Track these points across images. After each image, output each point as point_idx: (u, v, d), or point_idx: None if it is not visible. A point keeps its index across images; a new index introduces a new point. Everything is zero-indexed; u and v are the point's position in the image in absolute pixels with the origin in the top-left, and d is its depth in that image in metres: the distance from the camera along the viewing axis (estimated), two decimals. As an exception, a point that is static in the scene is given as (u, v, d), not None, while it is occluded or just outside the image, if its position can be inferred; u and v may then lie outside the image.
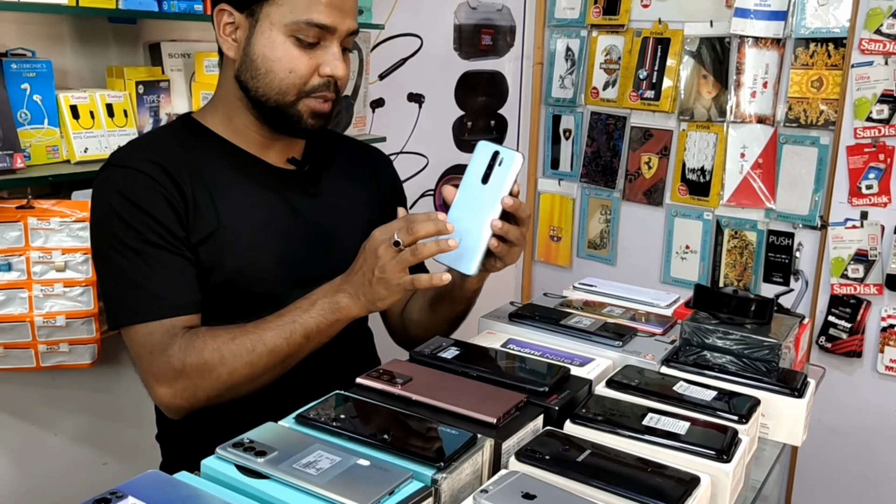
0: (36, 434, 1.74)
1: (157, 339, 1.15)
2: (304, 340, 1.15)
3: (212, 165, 1.24)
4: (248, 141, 1.29)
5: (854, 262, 2.24)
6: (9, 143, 1.42)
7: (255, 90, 1.22)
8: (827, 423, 2.25)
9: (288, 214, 1.28)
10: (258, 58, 1.20)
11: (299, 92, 1.21)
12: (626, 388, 1.05)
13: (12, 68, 1.47)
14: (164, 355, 1.14)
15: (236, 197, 1.24)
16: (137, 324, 1.16)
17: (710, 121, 2.45)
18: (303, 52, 1.19)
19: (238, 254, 1.22)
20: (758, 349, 1.15)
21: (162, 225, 1.17)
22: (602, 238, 2.76)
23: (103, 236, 1.19)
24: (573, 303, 1.39)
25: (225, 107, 1.28)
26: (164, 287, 1.16)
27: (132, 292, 1.16)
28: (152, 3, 1.58)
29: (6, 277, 1.47)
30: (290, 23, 1.17)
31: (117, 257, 1.17)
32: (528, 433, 0.94)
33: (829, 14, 2.21)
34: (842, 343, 2.29)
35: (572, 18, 2.72)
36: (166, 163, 1.20)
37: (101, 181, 1.21)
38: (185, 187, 1.20)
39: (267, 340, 1.14)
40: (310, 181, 1.33)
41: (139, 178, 1.18)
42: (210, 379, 1.14)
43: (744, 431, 0.96)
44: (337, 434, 0.87)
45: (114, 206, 1.17)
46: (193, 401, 1.16)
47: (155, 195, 1.17)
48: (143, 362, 1.16)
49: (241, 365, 1.14)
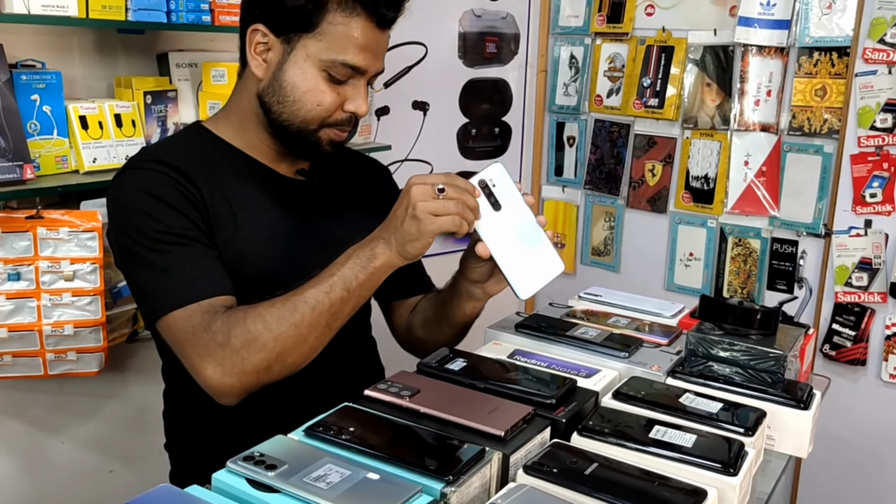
0: (43, 441, 1.75)
1: (198, 320, 1.13)
2: (345, 293, 1.12)
3: (226, 173, 1.26)
4: (260, 152, 1.30)
5: (858, 270, 2.24)
6: (19, 153, 1.44)
7: (278, 114, 1.24)
8: (831, 431, 2.25)
9: (299, 224, 1.30)
10: (288, 85, 1.22)
11: (322, 122, 1.24)
12: (633, 399, 1.06)
13: (22, 79, 1.48)
14: (207, 332, 1.11)
15: (250, 205, 1.26)
16: (175, 310, 1.14)
17: (713, 129, 2.46)
18: (331, 88, 1.22)
19: (253, 262, 1.24)
20: (763, 360, 1.16)
21: (187, 218, 1.18)
22: (606, 245, 2.77)
23: (129, 235, 1.18)
24: (578, 313, 1.40)
25: (239, 118, 1.30)
26: (197, 272, 1.16)
27: (166, 282, 1.15)
28: (161, 14, 1.59)
29: (15, 287, 1.48)
30: (327, 59, 1.20)
31: (146, 252, 1.16)
32: (535, 446, 0.94)
33: (832, 23, 2.21)
34: (846, 351, 2.29)
35: (576, 26, 2.73)
36: (184, 166, 1.21)
37: (121, 183, 1.22)
38: (203, 191, 1.21)
39: (308, 298, 1.12)
40: (319, 192, 1.35)
41: (161, 176, 1.19)
42: (256, 348, 1.11)
43: (750, 444, 0.97)
44: (346, 447, 0.88)
45: (138, 203, 1.18)
46: (243, 377, 1.12)
47: (177, 192, 1.18)
48: (186, 346, 1.13)
49: (287, 327, 1.11)
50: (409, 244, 1.10)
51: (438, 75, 2.57)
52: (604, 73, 2.68)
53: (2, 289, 1.47)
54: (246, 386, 1.13)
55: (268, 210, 1.27)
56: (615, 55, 2.65)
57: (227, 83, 1.73)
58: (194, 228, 1.18)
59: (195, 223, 1.18)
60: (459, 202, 1.08)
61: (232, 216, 1.23)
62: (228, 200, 1.23)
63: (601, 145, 2.71)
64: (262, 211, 1.27)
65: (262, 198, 1.27)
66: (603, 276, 2.76)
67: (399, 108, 2.48)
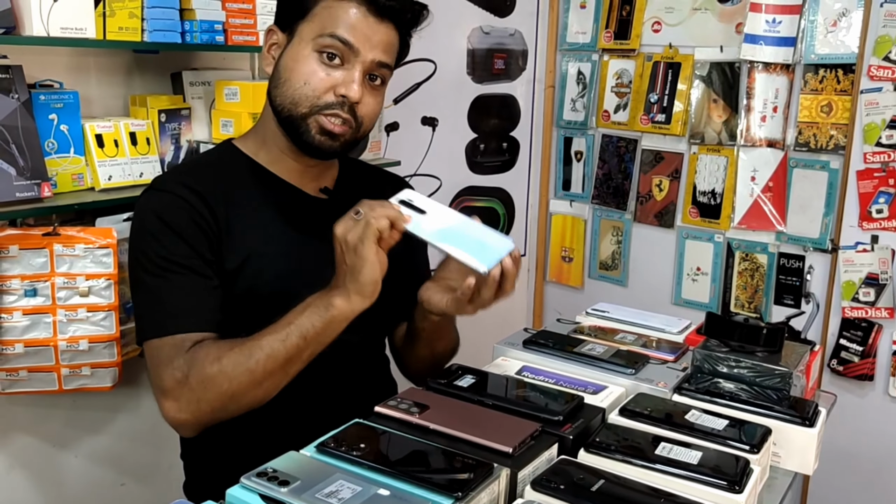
0: (56, 455, 1.77)
1: (165, 353, 1.17)
2: (301, 342, 1.13)
3: (248, 193, 1.29)
4: (283, 168, 1.33)
5: (865, 285, 2.25)
6: (37, 172, 1.46)
7: (273, 99, 1.27)
8: (839, 446, 2.25)
9: (320, 242, 1.30)
10: (282, 68, 1.26)
11: (312, 106, 1.23)
12: (639, 416, 1.07)
13: (41, 100, 1.51)
14: (169, 367, 1.16)
15: (271, 224, 1.29)
16: (152, 338, 1.19)
17: (720, 144, 2.48)
18: (322, 68, 1.23)
19: (272, 280, 1.26)
20: (769, 377, 1.17)
21: (191, 247, 1.21)
22: (614, 259, 2.78)
23: (136, 255, 1.23)
24: (586, 329, 1.41)
25: (263, 132, 1.33)
26: (181, 305, 1.20)
27: (152, 308, 1.21)
28: (176, 35, 1.62)
29: (32, 303, 1.50)
30: (317, 36, 1.23)
31: (145, 275, 1.21)
32: (543, 462, 0.96)
33: (837, 40, 2.23)
34: (853, 367, 2.30)
35: (584, 43, 2.75)
36: (204, 189, 1.24)
37: (142, 203, 1.26)
38: (221, 214, 1.24)
39: (264, 346, 1.13)
40: (342, 210, 1.36)
41: (176, 201, 1.22)
42: (212, 389, 1.14)
43: (755, 461, 0.98)
44: (357, 463, 0.90)
45: (147, 226, 1.22)
46: (198, 414, 1.16)
47: (187, 219, 1.22)
48: (151, 376, 1.19)
49: (241, 373, 1.13)
50: (359, 276, 1.09)
51: (447, 91, 2.60)
52: (611, 88, 2.70)
53: (18, 305, 1.50)
54: (201, 422, 1.18)
55: (289, 229, 1.30)
56: (622, 71, 2.67)
57: (239, 101, 1.76)
58: (196, 258, 1.21)
59: (199, 252, 1.21)
60: (377, 212, 1.08)
61: (251, 236, 1.26)
62: (248, 220, 1.26)
63: (609, 160, 2.73)
64: (283, 230, 1.29)
65: (283, 216, 1.30)
66: (610, 291, 2.77)
67: (408, 123, 2.50)
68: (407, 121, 2.49)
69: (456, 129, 2.67)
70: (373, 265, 1.08)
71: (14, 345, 1.50)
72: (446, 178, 2.67)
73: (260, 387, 1.16)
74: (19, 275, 1.49)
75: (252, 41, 1.76)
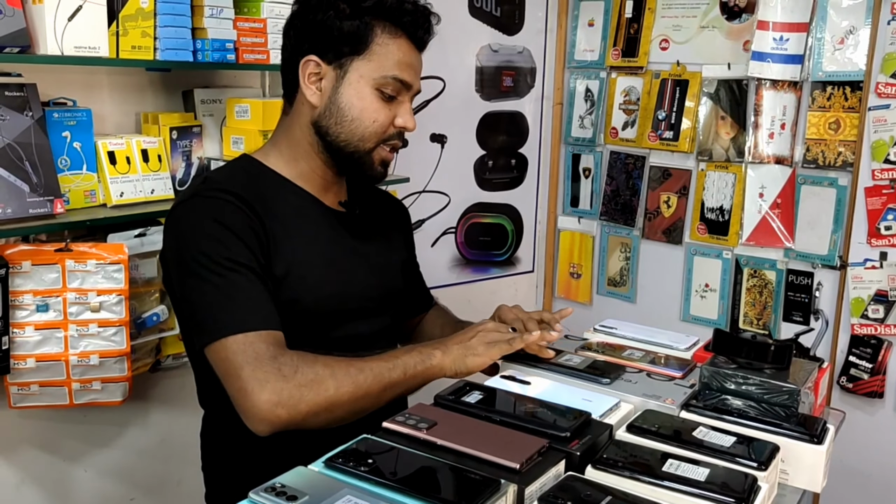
0: (66, 469, 1.78)
1: (263, 348, 1.16)
2: (401, 376, 1.22)
3: (280, 203, 1.32)
4: (309, 182, 1.37)
5: (874, 302, 2.25)
6: (50, 189, 1.48)
7: (336, 136, 1.31)
8: (848, 464, 2.24)
9: (348, 252, 1.38)
10: (345, 106, 1.30)
11: (377, 141, 1.32)
12: (647, 432, 1.07)
13: (54, 117, 1.53)
14: (274, 362, 1.15)
15: (305, 234, 1.32)
16: (237, 334, 1.17)
17: (728, 161, 2.48)
18: (383, 105, 1.31)
19: (311, 289, 1.30)
20: (777, 394, 1.17)
21: (249, 249, 1.23)
22: (622, 276, 2.78)
23: (196, 258, 1.22)
24: (594, 345, 1.41)
25: (291, 150, 1.36)
26: (257, 303, 1.21)
27: (230, 305, 1.19)
28: (188, 53, 1.64)
29: (44, 318, 1.52)
30: (379, 77, 1.29)
31: (210, 275, 1.20)
32: (550, 478, 0.96)
33: (845, 58, 2.24)
34: (863, 384, 2.29)
35: (592, 60, 2.77)
36: (247, 195, 1.26)
37: (190, 208, 1.26)
38: (265, 221, 1.26)
39: (374, 367, 1.21)
40: (359, 222, 1.41)
41: (229, 205, 1.24)
42: (318, 391, 1.16)
43: (763, 478, 0.98)
44: (365, 479, 0.90)
45: (205, 229, 1.22)
46: (294, 412, 1.15)
47: (243, 222, 1.24)
48: (245, 370, 1.15)
49: (349, 383, 1.18)
50: (468, 359, 1.25)
51: (456, 108, 2.62)
52: (619, 105, 2.71)
53: (30, 320, 1.51)
54: (292, 422, 1.16)
55: (320, 239, 1.35)
56: (630, 88, 2.69)
57: (249, 118, 1.78)
58: (255, 260, 1.23)
59: (256, 255, 1.24)
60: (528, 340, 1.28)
61: (290, 246, 1.29)
62: (285, 230, 1.29)
63: (616, 177, 2.74)
64: (316, 240, 1.34)
65: (314, 227, 1.34)
66: (619, 307, 2.77)
67: (417, 140, 2.52)
68: (416, 137, 2.51)
69: (465, 146, 2.69)
70: (484, 363, 1.26)
71: (26, 359, 1.51)
72: (455, 195, 2.68)
73: (358, 402, 1.19)
74: (31, 290, 1.51)
75: (262, 59, 1.78)
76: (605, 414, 1.13)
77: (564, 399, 1.15)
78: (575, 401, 1.15)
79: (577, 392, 1.20)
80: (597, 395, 1.19)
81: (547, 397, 1.16)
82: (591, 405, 1.14)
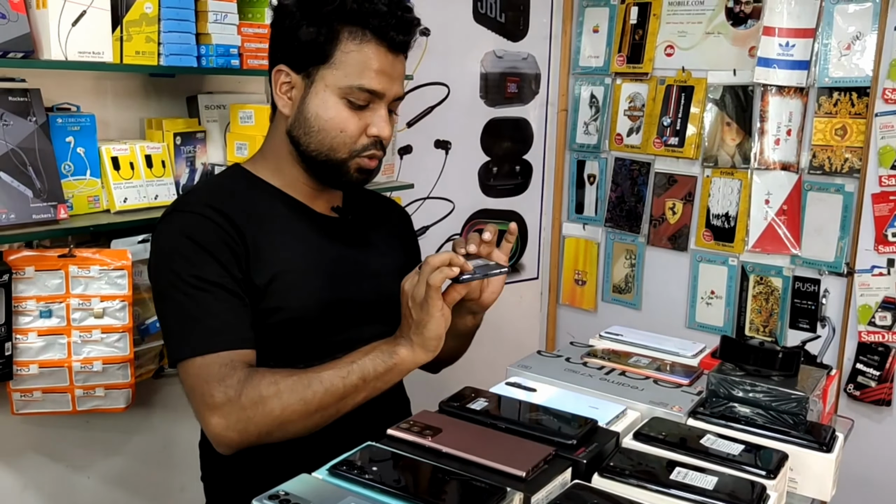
0: (69, 476, 1.77)
1: (215, 371, 1.17)
2: (360, 382, 1.18)
3: (268, 211, 1.31)
4: (297, 190, 1.35)
5: (882, 309, 2.23)
6: (53, 194, 1.48)
7: (306, 145, 1.29)
8: (856, 472, 2.22)
9: (338, 258, 1.35)
10: (311, 116, 1.27)
11: (350, 151, 1.29)
12: (654, 440, 1.06)
13: (58, 123, 1.53)
14: (221, 385, 1.16)
15: (293, 242, 1.31)
16: (196, 356, 1.18)
17: (734, 167, 2.47)
18: (353, 114, 1.27)
19: (299, 296, 1.28)
20: (785, 402, 1.16)
21: (222, 265, 1.22)
22: (627, 282, 2.77)
23: (166, 275, 1.24)
24: (599, 352, 1.40)
25: (275, 158, 1.35)
26: (222, 322, 1.21)
27: (191, 326, 1.20)
28: (192, 59, 1.64)
29: (47, 324, 1.51)
30: (344, 86, 1.25)
31: (178, 294, 1.21)
32: (556, 486, 0.95)
33: (851, 64, 2.23)
34: (870, 391, 2.27)
35: (596, 66, 2.76)
36: (227, 209, 1.26)
37: (167, 225, 1.27)
38: (246, 232, 1.26)
39: (324, 379, 1.17)
40: (352, 228, 1.40)
41: (203, 221, 1.24)
42: (264, 412, 1.16)
43: (772, 487, 0.97)
44: (369, 487, 0.89)
45: (178, 246, 1.23)
46: (245, 434, 1.17)
47: (217, 238, 1.23)
48: (197, 393, 1.18)
49: (296, 401, 1.16)
50: (424, 330, 1.18)
51: (460, 115, 2.61)
52: (624, 112, 2.71)
53: (33, 326, 1.51)
54: (245, 442, 1.18)
55: (309, 246, 1.33)
56: (635, 95, 2.68)
57: (254, 124, 1.77)
58: (228, 277, 1.22)
59: (230, 272, 1.23)
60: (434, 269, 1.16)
61: (276, 254, 1.28)
62: (271, 238, 1.28)
63: (622, 183, 2.73)
64: (304, 247, 1.32)
65: (302, 234, 1.33)
66: (624, 314, 2.76)
67: (422, 146, 2.52)
68: (420, 144, 2.51)
69: (469, 153, 2.68)
70: (437, 321, 1.17)
71: (29, 366, 1.50)
72: (459, 201, 2.68)
73: (310, 418, 1.18)
74: (35, 296, 1.50)
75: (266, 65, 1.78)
76: (612, 421, 1.12)
77: (570, 406, 1.14)
78: (581, 408, 1.14)
79: (583, 399, 1.19)
80: (603, 403, 1.18)
81: (553, 404, 1.15)
82: (597, 412, 1.13)
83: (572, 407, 1.14)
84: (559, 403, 1.15)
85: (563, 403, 1.15)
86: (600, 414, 1.13)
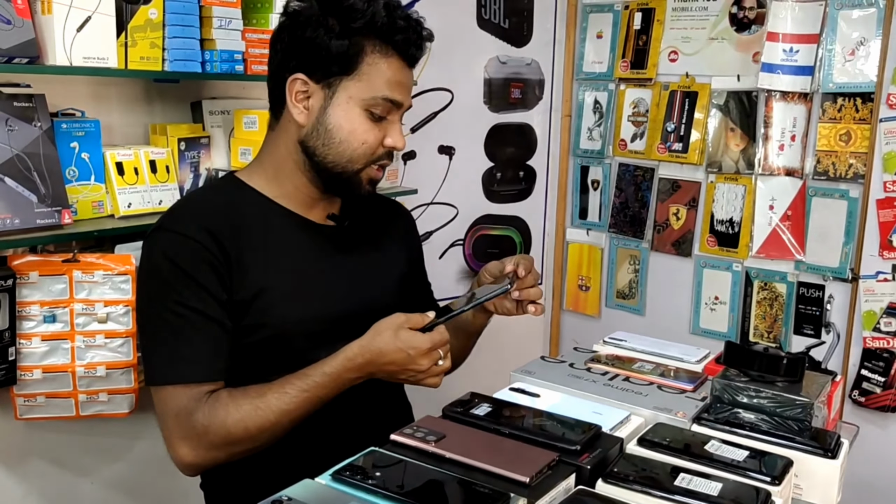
0: (72, 481, 1.77)
1: (184, 403, 1.20)
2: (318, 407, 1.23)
3: (258, 224, 1.30)
4: (293, 200, 1.34)
5: (886, 315, 2.22)
6: (58, 199, 1.48)
7: (323, 156, 1.29)
8: (861, 478, 2.21)
9: (331, 270, 1.34)
10: (333, 127, 1.27)
11: (367, 162, 1.30)
12: (658, 446, 1.06)
13: (62, 128, 1.53)
14: (190, 419, 1.19)
15: (282, 255, 1.30)
16: (167, 384, 1.21)
17: (738, 173, 2.47)
18: (372, 126, 1.28)
19: (285, 311, 1.28)
20: (790, 408, 1.15)
21: (204, 289, 1.22)
22: (631, 288, 2.77)
23: (146, 296, 1.25)
24: (603, 357, 1.40)
25: (274, 168, 1.34)
26: (197, 353, 1.22)
27: (166, 353, 1.22)
28: (196, 65, 1.64)
29: (50, 329, 1.51)
30: (368, 98, 1.26)
31: (156, 318, 1.23)
32: (560, 492, 0.95)
33: (856, 69, 2.23)
34: (876, 398, 2.26)
35: (600, 72, 2.76)
36: (213, 226, 1.24)
37: (151, 243, 1.27)
38: (231, 249, 1.24)
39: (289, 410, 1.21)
40: (349, 235, 1.39)
41: (187, 242, 1.23)
42: (233, 447, 1.21)
43: (777, 493, 0.96)
44: (372, 492, 0.89)
45: (159, 268, 1.23)
46: (213, 462, 1.23)
47: (199, 260, 1.23)
48: (167, 421, 1.22)
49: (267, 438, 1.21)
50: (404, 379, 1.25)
51: (464, 120, 2.62)
52: (628, 117, 2.71)
53: (37, 330, 1.51)
54: (214, 465, 1.24)
55: (298, 259, 1.31)
56: (639, 100, 2.68)
57: (258, 130, 1.77)
58: (211, 299, 1.23)
59: (212, 293, 1.23)
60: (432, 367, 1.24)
61: (263, 268, 1.27)
62: (257, 254, 1.27)
63: (625, 189, 2.73)
64: (294, 260, 1.31)
65: (293, 247, 1.32)
66: (628, 320, 2.75)
67: (425, 152, 2.52)
68: (424, 149, 2.51)
69: (473, 158, 2.68)
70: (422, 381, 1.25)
71: (32, 370, 1.50)
72: (463, 207, 2.68)
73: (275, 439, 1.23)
74: (39, 301, 1.50)
75: (271, 71, 1.78)
76: (616, 427, 1.12)
77: (574, 412, 1.14)
78: (585, 413, 1.14)
79: (586, 405, 1.18)
80: (607, 408, 1.17)
81: (557, 410, 1.14)
82: (601, 418, 1.13)
83: (576, 412, 1.13)
84: (563, 409, 1.15)
85: (567, 409, 1.15)
86: (604, 419, 1.13)
